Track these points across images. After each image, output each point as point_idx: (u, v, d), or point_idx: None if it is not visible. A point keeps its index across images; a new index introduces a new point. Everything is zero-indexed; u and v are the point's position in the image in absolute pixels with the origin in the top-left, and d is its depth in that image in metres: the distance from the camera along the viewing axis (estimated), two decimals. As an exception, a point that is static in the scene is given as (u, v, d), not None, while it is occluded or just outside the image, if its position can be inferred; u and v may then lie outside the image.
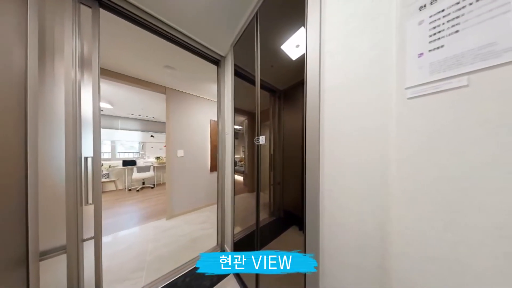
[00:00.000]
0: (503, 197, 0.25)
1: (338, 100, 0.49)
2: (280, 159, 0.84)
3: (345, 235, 0.46)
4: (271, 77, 1.18)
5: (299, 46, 1.13)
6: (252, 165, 1.12)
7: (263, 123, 1.03)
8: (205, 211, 2.53)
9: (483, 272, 0.26)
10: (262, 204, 0.94)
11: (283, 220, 0.79)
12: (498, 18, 0.26)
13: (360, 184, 0.43)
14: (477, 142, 0.27)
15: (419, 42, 0.35)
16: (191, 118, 2.59)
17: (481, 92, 0.27)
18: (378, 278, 0.39)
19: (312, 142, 0.56)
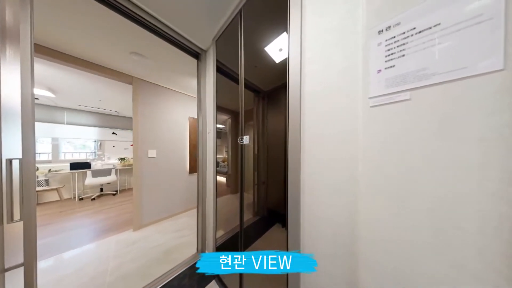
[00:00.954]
0: (434, 188, 0.33)
1: (317, 104, 0.54)
2: (265, 159, 0.86)
3: (323, 227, 0.51)
4: (255, 77, 1.19)
5: (282, 50, 1.18)
6: (236, 165, 1.11)
7: (247, 123, 1.04)
8: (183, 217, 2.34)
9: (423, 246, 0.34)
10: (246, 205, 0.95)
11: (267, 219, 0.82)
12: (429, 49, 0.35)
13: (334, 180, 0.49)
14: (416, 144, 0.35)
15: (378, 60, 0.42)
16: (166, 114, 2.33)
17: (419, 105, 0.35)
18: (348, 264, 0.45)
19: (294, 142, 0.60)
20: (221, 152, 1.49)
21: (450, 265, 0.30)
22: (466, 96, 0.30)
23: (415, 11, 0.36)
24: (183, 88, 2.43)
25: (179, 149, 2.52)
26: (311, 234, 0.54)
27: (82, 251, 1.56)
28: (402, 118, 0.37)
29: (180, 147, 2.54)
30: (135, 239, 1.78)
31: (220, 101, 1.27)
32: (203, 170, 1.42)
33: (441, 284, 0.31)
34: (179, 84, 2.28)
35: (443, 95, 0.32)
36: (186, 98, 2.63)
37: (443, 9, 0.33)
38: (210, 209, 1.34)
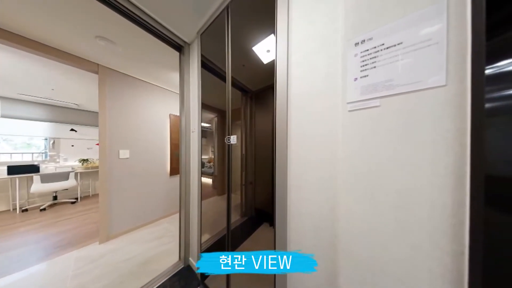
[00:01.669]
0: (396, 183, 0.39)
1: (303, 106, 0.57)
2: (252, 159, 0.87)
3: (307, 223, 0.55)
4: (243, 76, 1.19)
5: (269, 51, 1.21)
6: (222, 165, 1.08)
7: (235, 122, 1.02)
8: (163, 223, 2.16)
9: (389, 233, 0.39)
10: (234, 206, 0.94)
11: (255, 219, 0.82)
12: (394, 63, 0.41)
13: (318, 178, 0.53)
14: (383, 146, 0.40)
15: (354, 69, 0.47)
16: (143, 110, 2.11)
17: (386, 111, 0.41)
18: (330, 255, 0.49)
19: (281, 143, 0.62)
20: (207, 152, 1.43)
21: (410, 247, 0.36)
22: (420, 105, 0.36)
23: (384, 29, 0.42)
24: (163, 82, 2.24)
25: (159, 149, 2.31)
26: (297, 231, 0.58)
27: (28, 275, 1.27)
28: (373, 122, 0.43)
29: (160, 147, 2.33)
30: (102, 252, 1.55)
31: (205, 99, 1.23)
32: (186, 171, 1.34)
33: (403, 264, 0.37)
34: (159, 77, 2.10)
35: (404, 104, 0.38)
36: (167, 93, 2.43)
37: (405, 30, 0.39)
38: (194, 212, 1.28)
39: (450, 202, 0.32)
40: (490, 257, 0.28)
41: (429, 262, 0.34)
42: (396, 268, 0.38)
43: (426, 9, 0.36)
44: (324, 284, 0.50)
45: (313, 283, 0.53)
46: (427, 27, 0.37)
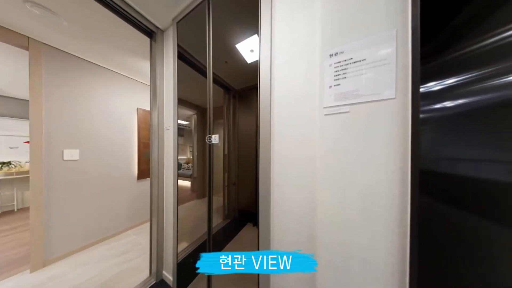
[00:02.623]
0: (362, 178, 0.46)
1: (285, 108, 0.61)
2: (235, 159, 0.86)
3: (289, 219, 0.58)
4: (226, 74, 1.15)
5: (253, 51, 1.21)
6: (203, 166, 1.02)
7: (216, 121, 0.98)
8: (128, 236, 1.87)
9: (357, 222, 0.46)
10: (215, 209, 0.90)
11: (238, 220, 0.81)
12: (359, 76, 0.48)
13: (298, 176, 0.57)
14: (351, 146, 0.47)
15: (329, 78, 0.53)
16: (100, 102, 1.76)
17: (354, 116, 0.48)
18: (309, 247, 0.54)
19: (265, 143, 0.64)
20: (185, 152, 1.32)
21: (372, 232, 0.44)
22: (378, 113, 0.44)
23: (352, 45, 0.49)
24: (129, 70, 1.94)
25: (123, 148, 1.98)
26: (280, 228, 0.60)
27: None
28: (344, 126, 0.49)
29: (124, 146, 2.00)
30: (36, 283, 1.21)
31: (183, 94, 1.13)
32: (159, 174, 1.20)
33: (367, 247, 0.45)
34: (124, 65, 1.80)
35: (366, 111, 0.46)
36: (134, 84, 2.11)
37: (368, 49, 0.47)
38: (169, 219, 1.16)
39: (398, 192, 0.41)
40: (424, 234, 0.36)
41: (384, 243, 0.42)
42: (362, 251, 0.45)
43: (382, 34, 0.45)
44: (305, 277, 0.55)
45: (295, 276, 0.57)
46: (383, 49, 0.45)
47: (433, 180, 0.36)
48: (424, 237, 0.36)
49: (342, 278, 0.47)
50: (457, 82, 0.35)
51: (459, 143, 0.35)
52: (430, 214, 0.36)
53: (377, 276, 0.43)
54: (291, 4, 0.60)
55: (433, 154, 0.36)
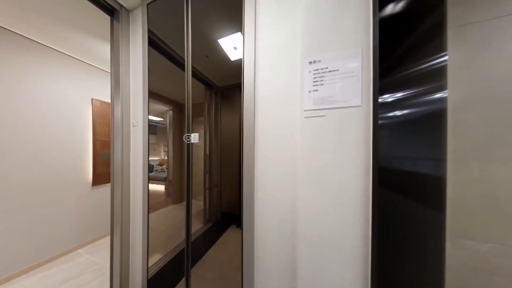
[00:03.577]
0: (335, 175, 0.52)
1: (269, 109, 0.62)
2: (218, 160, 0.82)
3: (272, 217, 0.60)
4: (207, 69, 1.09)
5: (236, 49, 1.19)
6: (180, 168, 0.93)
7: (196, 119, 0.92)
8: (80, 256, 1.53)
9: (330, 214, 0.52)
10: (195, 213, 0.84)
11: (221, 223, 0.78)
12: (333, 84, 0.54)
13: (281, 175, 0.59)
14: (327, 147, 0.53)
15: (309, 83, 0.58)
16: (39, 88, 1.37)
17: (329, 120, 0.54)
18: (291, 243, 0.58)
19: (249, 142, 0.64)
20: (158, 152, 1.18)
21: (343, 222, 0.50)
22: (348, 118, 0.51)
23: (328, 56, 0.55)
24: (81, 52, 1.58)
25: (70, 148, 1.60)
26: (264, 227, 0.62)
27: None
28: (321, 128, 0.54)
29: (73, 145, 1.62)
30: None
31: (155, 86, 1.01)
32: (123, 178, 1.03)
33: (340, 236, 0.51)
34: (73, 44, 1.45)
35: (339, 115, 0.52)
36: (88, 69, 1.74)
37: (340, 61, 0.54)
38: (137, 230, 1.01)
39: (362, 186, 0.48)
40: (381, 219, 0.44)
41: (352, 231, 0.49)
42: (336, 240, 0.51)
43: (351, 50, 0.52)
44: (287, 270, 0.58)
45: (277, 271, 0.60)
46: (351, 63, 0.52)
47: (388, 175, 0.44)
48: (381, 222, 0.44)
49: (319, 267, 0.53)
50: (403, 96, 0.45)
51: (405, 145, 0.44)
52: (386, 203, 0.44)
53: (347, 260, 0.49)
54: (275, 8, 0.62)
55: (388, 154, 0.45)
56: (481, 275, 0.44)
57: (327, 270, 0.52)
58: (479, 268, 0.44)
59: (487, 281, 0.43)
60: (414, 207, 0.42)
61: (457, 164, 0.44)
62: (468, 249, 0.44)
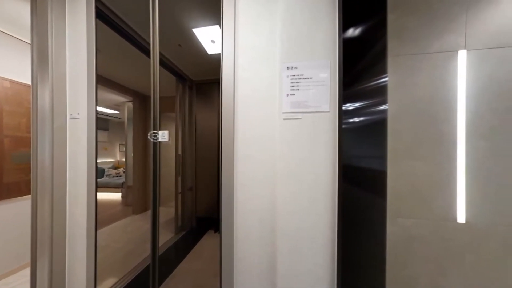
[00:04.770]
0: (309, 173, 0.58)
1: (249, 109, 0.63)
2: (192, 161, 0.74)
3: (252, 217, 0.61)
4: (180, 60, 0.97)
5: (214, 42, 1.13)
6: (143, 171, 0.79)
7: (166, 114, 0.81)
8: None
9: (306, 208, 0.57)
10: (164, 222, 0.73)
11: (197, 230, 0.71)
12: (308, 90, 0.61)
13: (262, 174, 0.61)
14: (303, 147, 0.58)
15: (286, 87, 0.62)
16: None
17: (304, 123, 0.59)
18: (270, 239, 0.60)
19: (228, 142, 0.62)
20: (111, 153, 0.97)
21: (315, 215, 0.57)
22: (319, 122, 0.58)
23: (303, 64, 0.61)
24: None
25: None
26: (244, 227, 0.61)
27: None
28: (297, 130, 0.59)
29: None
30: None
31: (108, 71, 0.82)
32: (53, 187, 0.78)
33: (313, 228, 0.57)
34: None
35: (312, 119, 0.59)
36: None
37: (313, 70, 0.60)
38: (78, 253, 0.79)
39: (331, 181, 0.56)
40: (344, 209, 0.53)
41: (323, 222, 0.56)
42: (310, 232, 0.57)
43: (322, 61, 0.59)
44: (267, 267, 0.60)
45: (258, 269, 0.61)
46: (322, 73, 0.59)
47: (349, 170, 0.54)
48: (344, 210, 0.53)
49: (296, 258, 0.57)
50: (359, 105, 0.55)
51: (360, 146, 0.54)
52: (347, 194, 0.53)
53: (318, 247, 0.56)
54: (254, 9, 0.63)
55: (349, 153, 0.54)
56: (406, 243, 0.62)
57: (302, 260, 0.57)
58: (405, 238, 0.62)
59: (409, 247, 0.61)
60: (366, 195, 0.53)
61: (393, 161, 0.59)
62: (399, 225, 0.61)
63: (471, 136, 0.59)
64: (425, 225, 0.60)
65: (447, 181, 0.60)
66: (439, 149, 0.60)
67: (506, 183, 0.58)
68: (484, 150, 0.59)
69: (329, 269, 0.55)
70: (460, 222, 0.59)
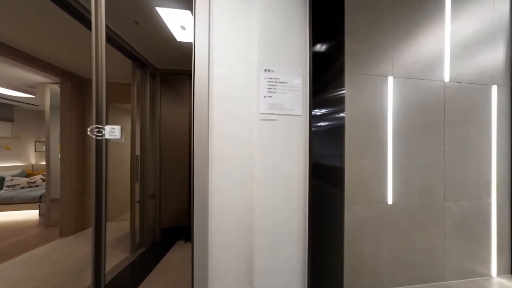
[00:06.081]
0: (285, 170, 0.62)
1: (226, 107, 0.61)
2: (156, 163, 0.62)
3: (230, 218, 0.59)
4: (139, 40, 0.80)
5: (185, 29, 1.02)
6: (77, 178, 0.60)
7: (116, 105, 0.65)
8: None
9: (282, 205, 0.61)
10: (114, 240, 0.58)
11: (161, 244, 0.60)
12: (283, 94, 0.65)
13: (239, 175, 0.60)
14: (279, 147, 0.62)
15: (264, 89, 0.65)
16: None
17: (280, 124, 0.63)
18: (248, 239, 0.60)
19: (201, 141, 0.58)
20: (19, 154, 0.70)
21: (290, 210, 0.62)
22: (293, 124, 0.64)
23: (279, 68, 0.65)
24: None
25: None
26: (220, 231, 0.59)
27: None
28: (274, 131, 0.63)
29: None
30: None
31: (13, 35, 0.58)
32: None
33: (288, 222, 0.61)
34: None
35: (287, 121, 0.64)
36: None
37: (288, 75, 0.66)
38: None
39: (303, 178, 0.63)
40: (314, 202, 0.61)
41: (297, 215, 0.62)
42: (286, 227, 0.61)
43: (295, 69, 0.65)
44: (244, 268, 0.59)
45: (235, 273, 0.59)
46: (295, 79, 0.66)
47: (318, 168, 0.62)
48: (314, 203, 0.61)
49: (273, 254, 0.60)
50: (325, 112, 0.65)
51: (325, 146, 0.64)
52: (316, 189, 0.61)
53: (293, 241, 0.62)
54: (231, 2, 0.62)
55: (318, 153, 0.63)
56: (357, 224, 0.80)
57: (279, 255, 0.61)
58: (356, 220, 0.79)
59: (359, 227, 0.80)
60: (329, 189, 0.63)
61: (348, 159, 0.74)
62: (352, 210, 0.79)
63: (395, 140, 0.83)
64: (369, 209, 0.80)
65: (382, 174, 0.82)
66: (377, 150, 0.82)
67: (413, 174, 0.85)
68: (401, 150, 0.84)
69: (302, 257, 0.62)
70: (389, 204, 0.82)
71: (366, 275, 0.79)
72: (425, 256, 0.85)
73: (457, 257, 0.88)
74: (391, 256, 0.81)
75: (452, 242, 0.88)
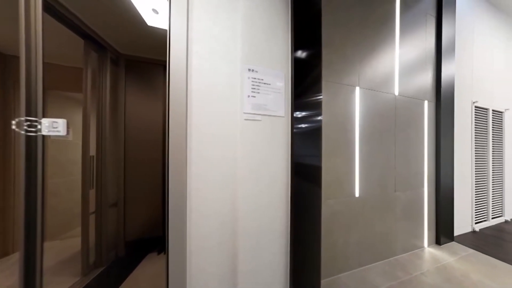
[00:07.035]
0: (269, 170, 0.63)
1: (206, 105, 0.58)
2: (119, 165, 0.52)
3: (211, 222, 0.56)
4: (93, 16, 0.66)
5: (158, 13, 0.91)
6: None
7: (60, 93, 0.52)
8: None
9: (266, 204, 0.62)
10: (58, 263, 0.45)
11: (126, 259, 0.49)
12: (267, 95, 0.67)
13: (221, 176, 0.58)
14: (263, 147, 0.64)
15: (248, 89, 0.65)
16: None
17: (263, 124, 0.65)
18: (232, 241, 0.58)
19: (178, 141, 0.53)
20: None
21: (273, 208, 0.63)
22: (276, 125, 0.66)
23: (263, 69, 0.67)
24: None
25: None
26: (199, 237, 0.54)
27: None
28: (258, 131, 0.64)
29: None
30: None
31: None
32: None
33: (271, 218, 0.63)
34: None
35: (270, 122, 0.66)
36: None
37: (272, 77, 0.68)
38: None
39: (285, 177, 0.66)
40: (295, 199, 0.65)
41: (281, 212, 0.64)
42: (270, 226, 0.62)
43: (278, 71, 0.68)
44: (227, 272, 0.57)
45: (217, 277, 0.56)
46: (278, 82, 0.69)
47: (299, 167, 0.67)
48: (295, 200, 0.65)
49: (257, 253, 0.60)
50: (305, 114, 0.71)
51: (305, 146, 0.70)
52: (297, 186, 0.66)
53: (276, 239, 0.64)
54: None
55: (298, 153, 0.67)
56: (332, 217, 0.90)
57: (263, 253, 0.61)
58: (331, 213, 0.90)
59: (334, 219, 0.90)
60: (309, 186, 0.69)
61: (324, 158, 0.83)
62: (328, 204, 0.89)
63: (361, 142, 0.98)
64: (341, 202, 0.92)
65: (351, 171, 0.95)
66: (348, 150, 0.94)
67: (373, 170, 1.02)
68: (365, 151, 0.99)
69: (284, 253, 0.65)
70: (357, 197, 0.96)
71: (339, 261, 0.91)
72: (382, 238, 1.04)
73: (403, 235, 1.10)
74: (359, 241, 0.96)
75: (401, 224, 1.10)
